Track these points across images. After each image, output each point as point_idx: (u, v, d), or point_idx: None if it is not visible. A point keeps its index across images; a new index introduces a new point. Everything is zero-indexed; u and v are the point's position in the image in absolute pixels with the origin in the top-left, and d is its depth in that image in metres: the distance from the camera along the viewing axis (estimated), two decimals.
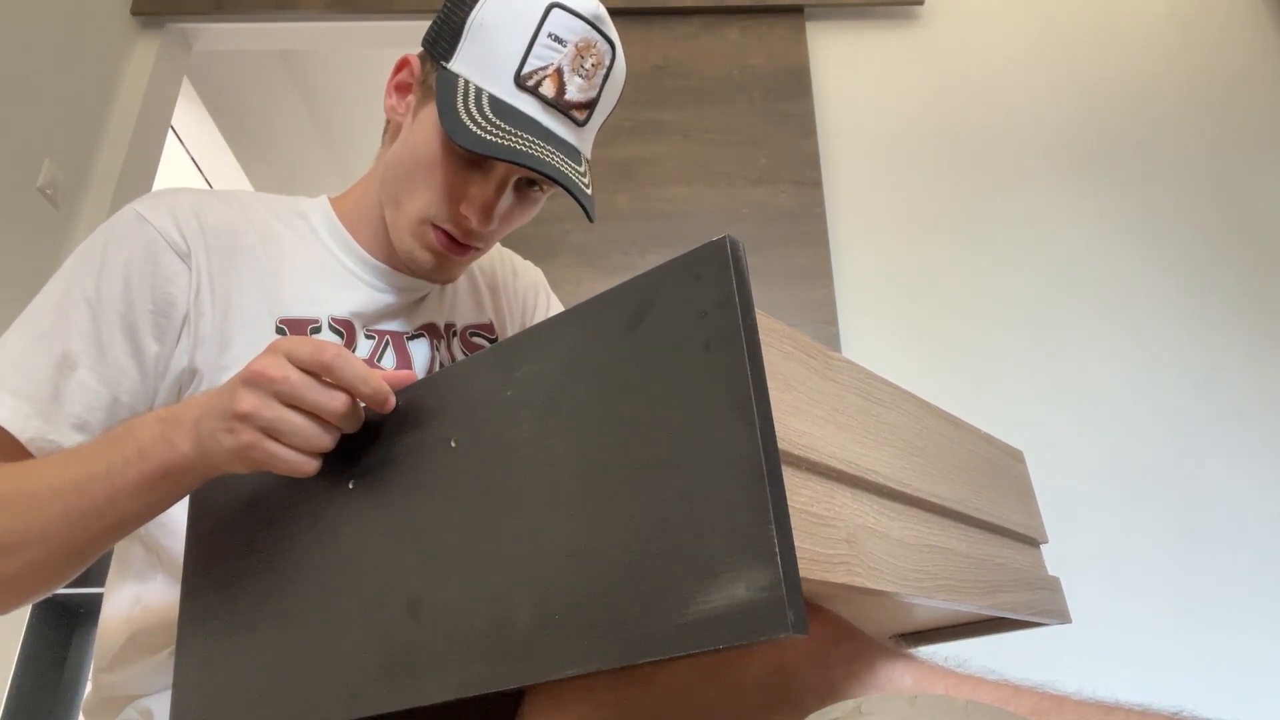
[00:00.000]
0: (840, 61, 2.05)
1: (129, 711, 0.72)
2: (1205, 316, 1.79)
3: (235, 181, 3.23)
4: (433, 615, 0.44)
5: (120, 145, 1.98)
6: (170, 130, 2.59)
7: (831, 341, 1.73)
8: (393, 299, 0.80)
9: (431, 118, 0.71)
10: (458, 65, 0.71)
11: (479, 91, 0.69)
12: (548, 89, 0.70)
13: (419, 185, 0.73)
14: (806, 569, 0.35)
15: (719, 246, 0.38)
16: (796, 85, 1.98)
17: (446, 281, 0.84)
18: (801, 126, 1.94)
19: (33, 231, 1.77)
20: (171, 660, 0.59)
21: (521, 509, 0.42)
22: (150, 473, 0.55)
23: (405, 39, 2.10)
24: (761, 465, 0.34)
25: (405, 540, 0.47)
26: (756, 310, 0.38)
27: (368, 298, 0.79)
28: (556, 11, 0.70)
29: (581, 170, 0.72)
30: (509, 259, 0.98)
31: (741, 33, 2.05)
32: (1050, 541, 0.67)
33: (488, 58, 0.70)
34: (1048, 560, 0.66)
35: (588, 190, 0.72)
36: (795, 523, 0.35)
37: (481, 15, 0.70)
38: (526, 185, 0.75)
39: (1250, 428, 1.70)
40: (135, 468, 0.55)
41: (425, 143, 0.72)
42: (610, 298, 0.42)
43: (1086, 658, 1.51)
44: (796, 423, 0.39)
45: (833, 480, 0.42)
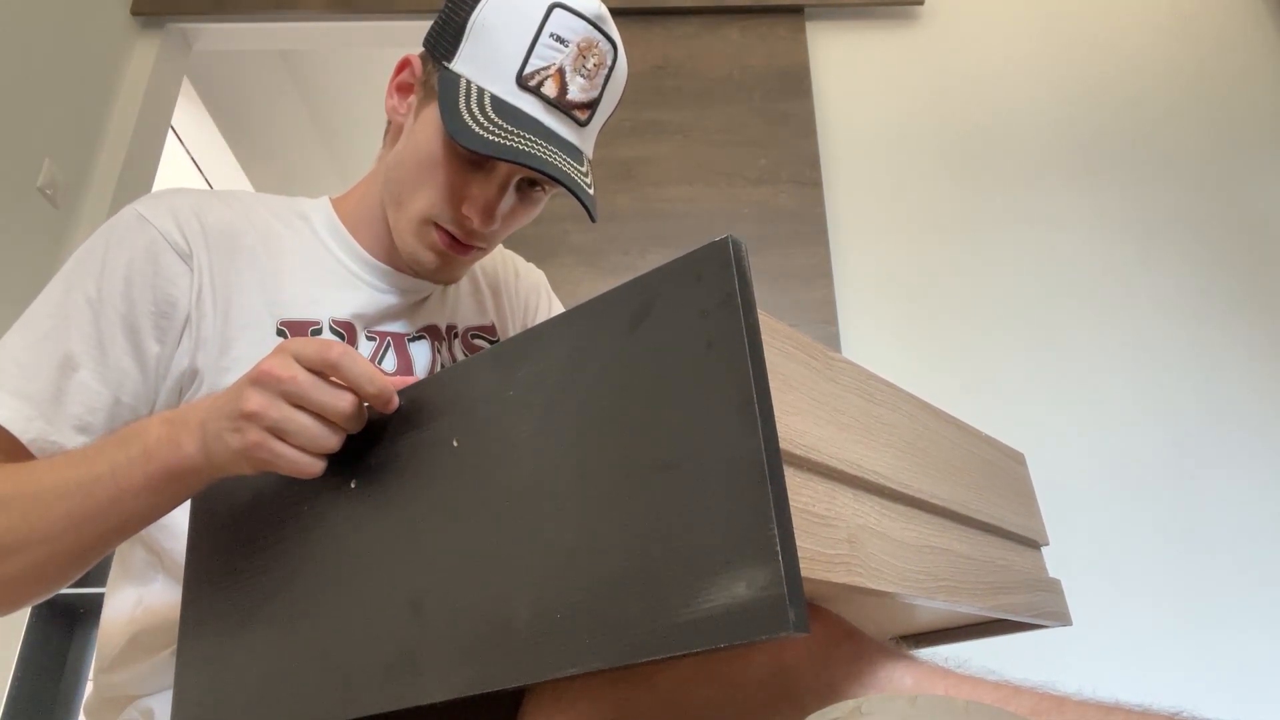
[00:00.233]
0: (840, 61, 2.05)
1: (130, 712, 0.72)
2: (1205, 316, 1.79)
3: (235, 181, 3.23)
4: (433, 615, 0.44)
5: (120, 145, 1.98)
6: (170, 130, 2.59)
7: (831, 341, 1.74)
8: (394, 300, 0.80)
9: (433, 118, 0.71)
10: (459, 65, 0.71)
11: (481, 91, 0.69)
12: (550, 89, 0.70)
13: (421, 185, 0.73)
14: (808, 569, 0.35)
15: (720, 246, 0.38)
16: (796, 85, 1.98)
17: (449, 282, 0.84)
18: (801, 126, 1.94)
19: (33, 231, 1.77)
20: (173, 660, 0.59)
21: (523, 508, 0.42)
22: (155, 474, 0.54)
23: (405, 39, 2.10)
24: (763, 465, 0.34)
25: (406, 540, 0.47)
26: (758, 310, 0.38)
27: (369, 299, 0.78)
28: (558, 11, 0.70)
29: (583, 170, 0.72)
30: (511, 261, 0.98)
31: (741, 33, 2.05)
32: (1050, 543, 0.67)
33: (489, 58, 0.70)
34: (1047, 561, 0.66)
35: (590, 190, 0.71)
36: (796, 522, 0.35)
37: (483, 15, 0.70)
38: (528, 185, 0.75)
39: (1250, 428, 1.70)
40: (140, 469, 0.55)
41: (427, 143, 0.72)
42: (611, 298, 0.42)
43: (1087, 658, 1.51)
44: (798, 423, 0.39)
45: (834, 480, 0.42)
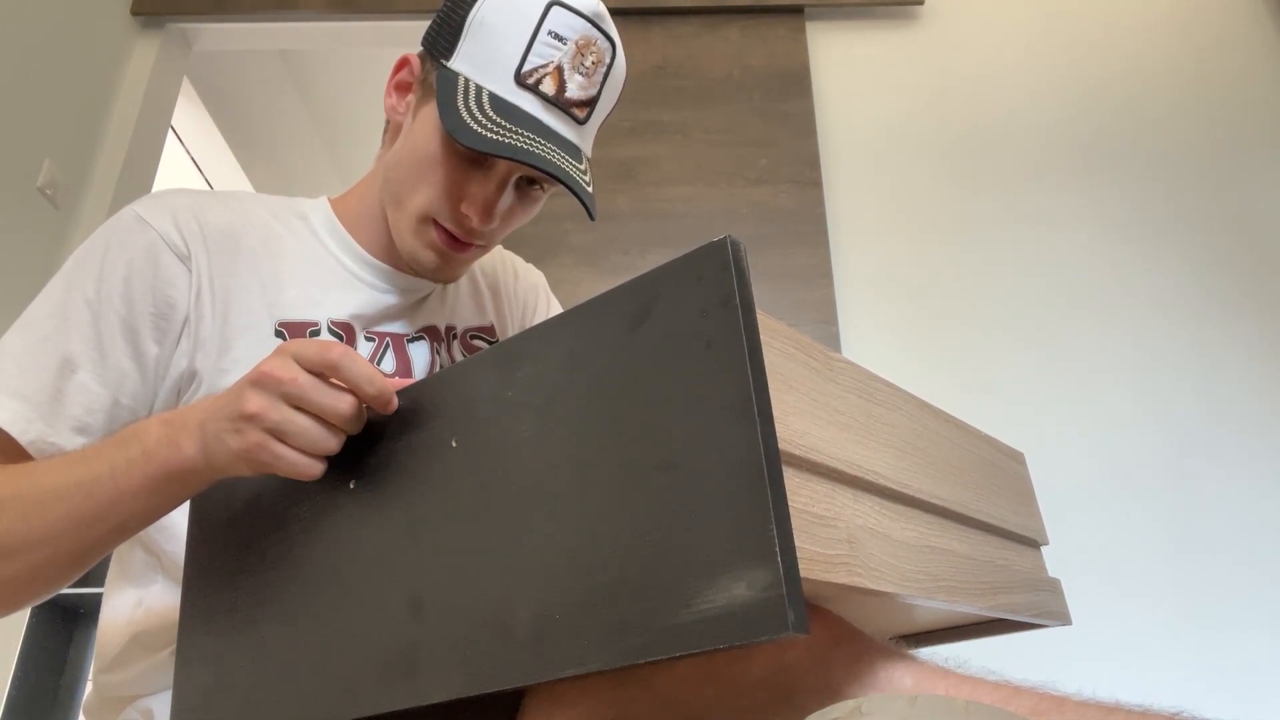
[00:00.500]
0: (840, 61, 2.05)
1: (129, 712, 0.72)
2: (1205, 316, 1.79)
3: (235, 181, 3.23)
4: (433, 615, 0.44)
5: (120, 145, 1.98)
6: (170, 130, 2.59)
7: (831, 341, 1.73)
8: (394, 299, 0.80)
9: (432, 116, 0.71)
10: (458, 64, 0.71)
11: (479, 89, 0.69)
12: (548, 87, 0.70)
13: (420, 184, 0.73)
14: (807, 569, 0.35)
15: (720, 247, 0.38)
16: (796, 85, 1.98)
17: (448, 281, 0.84)
18: (801, 126, 1.94)
19: (33, 231, 1.77)
20: (172, 660, 0.59)
21: (522, 509, 0.42)
22: (155, 475, 0.54)
23: (405, 39, 2.10)
24: (762, 465, 0.34)
25: (406, 540, 0.47)
26: (757, 310, 0.38)
27: (368, 299, 0.78)
28: (556, 9, 0.70)
29: (582, 168, 0.72)
30: (510, 261, 0.98)
31: (741, 33, 2.05)
32: (1050, 543, 0.67)
33: (488, 56, 0.70)
34: (1047, 561, 0.66)
35: (589, 188, 0.71)
36: (796, 523, 0.35)
37: (481, 13, 0.70)
38: (527, 184, 0.75)
39: (1250, 428, 1.70)
40: (140, 470, 0.54)
41: (426, 141, 0.72)
42: (611, 298, 0.42)
43: (1087, 658, 1.51)
44: (797, 423, 0.39)
45: (833, 481, 0.42)
